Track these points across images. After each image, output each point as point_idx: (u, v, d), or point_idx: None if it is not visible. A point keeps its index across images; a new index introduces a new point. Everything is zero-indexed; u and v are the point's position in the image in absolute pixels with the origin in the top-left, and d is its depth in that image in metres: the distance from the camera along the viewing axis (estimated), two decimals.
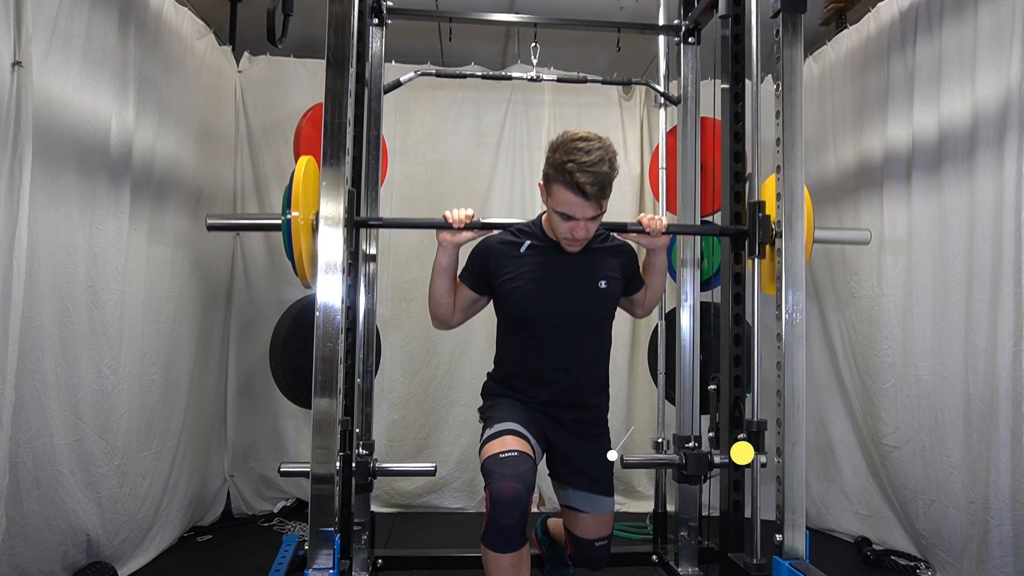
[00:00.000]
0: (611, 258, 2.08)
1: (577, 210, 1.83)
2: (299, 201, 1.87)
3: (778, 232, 1.98)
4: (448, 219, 1.98)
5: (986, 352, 2.43)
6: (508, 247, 2.04)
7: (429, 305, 2.10)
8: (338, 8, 1.93)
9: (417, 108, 3.69)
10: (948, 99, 2.61)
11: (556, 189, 1.83)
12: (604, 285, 2.03)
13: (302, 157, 1.99)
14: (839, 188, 3.26)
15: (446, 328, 2.18)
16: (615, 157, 1.84)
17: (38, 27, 2.02)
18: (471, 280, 2.07)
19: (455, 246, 2.02)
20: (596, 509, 2.08)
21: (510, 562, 1.77)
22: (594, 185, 1.78)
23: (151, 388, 2.76)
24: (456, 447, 3.63)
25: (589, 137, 1.83)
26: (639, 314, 2.29)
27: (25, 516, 2.10)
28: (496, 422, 1.96)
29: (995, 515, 2.34)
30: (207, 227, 2.07)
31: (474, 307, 2.13)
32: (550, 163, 1.84)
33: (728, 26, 2.40)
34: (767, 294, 2.06)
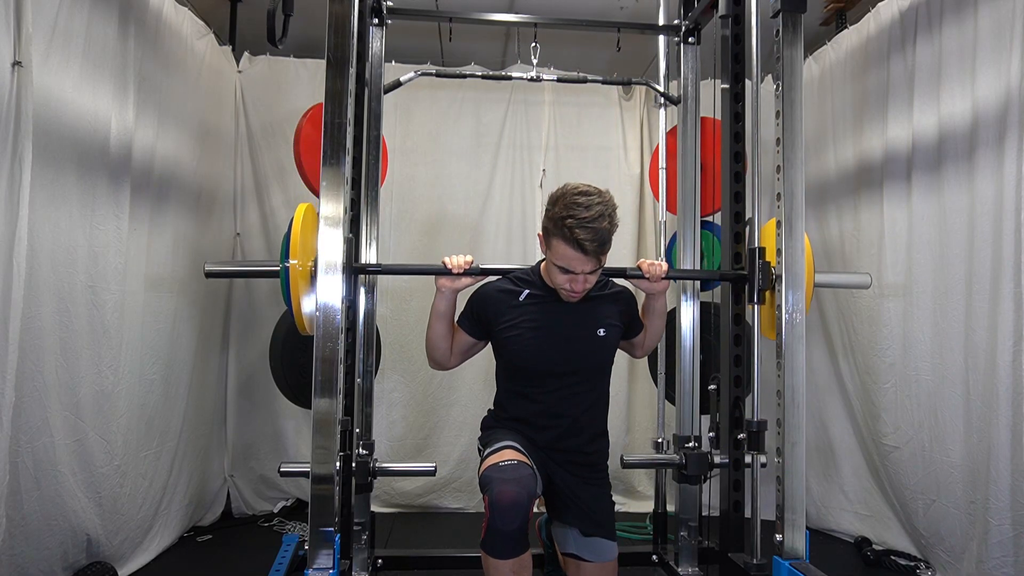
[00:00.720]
0: (610, 305, 2.08)
1: (576, 264, 1.84)
2: (297, 249, 1.87)
3: (778, 276, 1.97)
4: (447, 265, 1.98)
5: (986, 352, 2.43)
6: (507, 295, 2.04)
7: (426, 348, 2.09)
8: (338, 8, 1.93)
9: (417, 108, 3.69)
10: (948, 99, 2.61)
11: (555, 243, 1.83)
12: (603, 333, 2.02)
13: (300, 205, 1.99)
14: (839, 188, 3.26)
15: (442, 370, 2.18)
16: (615, 212, 1.84)
17: (38, 27, 2.02)
18: (469, 326, 2.07)
19: (453, 292, 2.02)
20: (599, 557, 2.00)
21: (511, 568, 1.74)
22: (594, 242, 1.78)
23: (151, 388, 2.76)
24: (456, 447, 3.63)
25: (589, 192, 1.82)
26: (638, 355, 2.29)
27: (25, 516, 2.10)
28: (495, 442, 1.96)
29: (995, 515, 2.34)
30: (205, 275, 2.07)
31: (472, 351, 2.13)
32: (549, 217, 1.83)
33: (728, 26, 2.39)
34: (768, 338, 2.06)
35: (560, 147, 3.77)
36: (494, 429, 2.09)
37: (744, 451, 2.24)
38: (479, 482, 1.83)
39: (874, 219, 2.99)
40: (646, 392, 3.69)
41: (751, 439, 2.05)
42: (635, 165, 3.82)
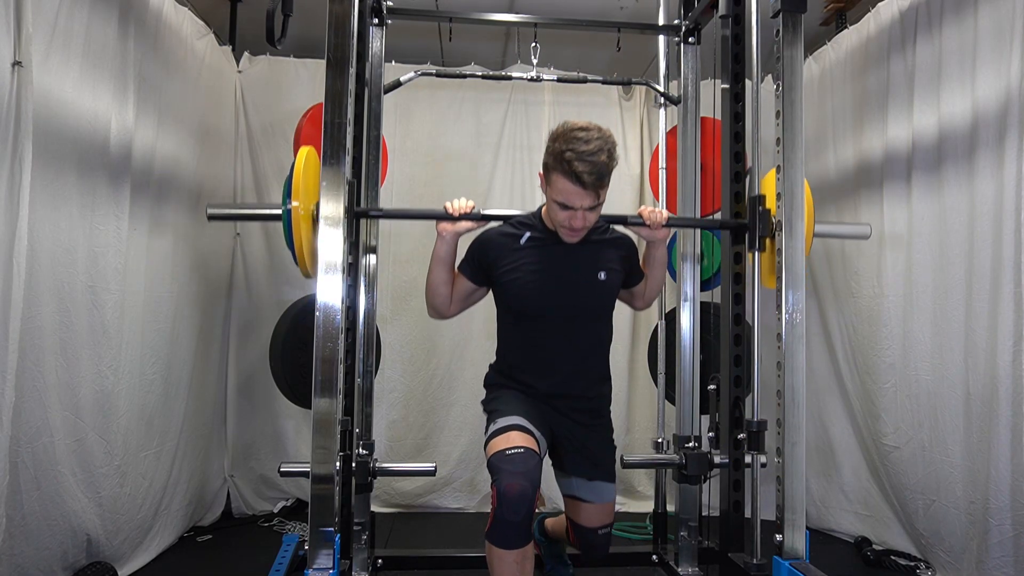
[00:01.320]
0: (611, 250, 2.09)
1: (575, 199, 1.84)
2: (299, 191, 1.87)
3: (778, 225, 1.98)
4: (448, 209, 1.99)
5: (986, 352, 2.43)
6: (508, 239, 2.05)
7: (426, 295, 2.10)
8: (338, 8, 1.92)
9: (417, 108, 3.69)
10: (948, 99, 2.61)
11: (555, 178, 1.85)
12: (604, 277, 2.04)
13: (302, 148, 2.00)
14: (839, 188, 3.26)
15: (442, 318, 2.18)
16: (614, 147, 1.85)
17: (38, 27, 2.02)
18: (470, 271, 2.08)
19: (454, 236, 2.02)
20: (599, 498, 2.10)
21: (515, 559, 1.78)
22: (592, 174, 1.79)
23: (151, 388, 2.76)
24: (456, 447, 3.63)
25: (588, 127, 1.85)
26: (639, 306, 2.30)
27: (25, 516, 2.10)
28: (500, 416, 1.96)
29: (995, 515, 2.34)
30: (207, 217, 2.07)
31: (471, 298, 2.14)
32: (549, 152, 1.86)
33: (728, 26, 2.39)
34: (767, 288, 2.07)
35: None
36: (498, 389, 2.10)
37: (744, 451, 2.24)
38: (487, 466, 1.86)
39: (874, 219, 2.99)
40: (646, 392, 3.69)
41: (751, 439, 2.06)
42: (635, 165, 3.82)
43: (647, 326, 3.61)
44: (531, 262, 2.02)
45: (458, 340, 3.64)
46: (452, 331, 3.64)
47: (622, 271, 2.11)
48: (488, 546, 1.81)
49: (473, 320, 3.57)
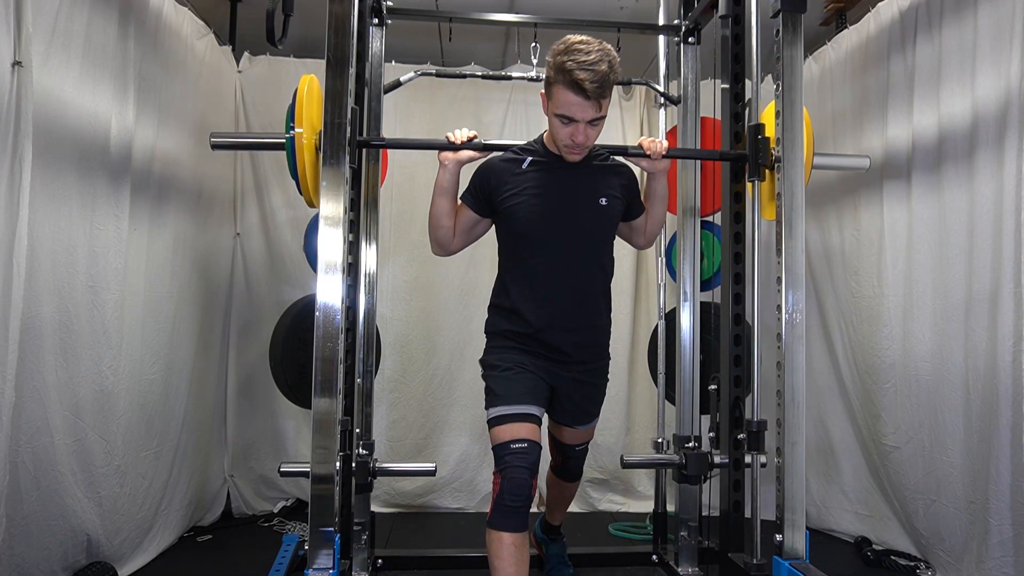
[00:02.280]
0: (612, 177, 2.11)
1: (577, 111, 1.85)
2: (303, 118, 1.88)
3: (777, 157, 1.99)
4: (450, 139, 2.02)
5: (986, 352, 2.43)
6: (510, 164, 2.07)
7: (429, 228, 2.11)
8: (338, 8, 1.93)
9: (417, 108, 3.68)
10: (948, 99, 2.60)
11: (556, 91, 1.85)
12: (605, 202, 2.05)
13: (304, 76, 2.01)
14: (839, 188, 3.26)
15: (446, 253, 2.17)
16: (615, 60, 1.86)
17: (38, 27, 2.02)
18: (472, 201, 2.09)
19: (456, 164, 2.04)
20: (583, 426, 2.25)
21: (513, 542, 1.82)
22: (594, 83, 1.80)
23: (151, 388, 2.76)
24: (456, 447, 3.63)
25: (589, 40, 1.85)
26: (640, 243, 2.30)
27: (25, 516, 2.10)
28: (503, 400, 1.96)
29: (995, 515, 2.34)
30: (211, 146, 2.08)
31: (474, 231, 2.14)
32: (551, 66, 1.86)
33: (728, 26, 2.40)
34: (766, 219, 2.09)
35: None
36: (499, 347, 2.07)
37: (744, 451, 2.25)
38: (493, 449, 1.92)
39: (874, 219, 2.99)
40: (646, 392, 3.69)
41: (751, 439, 2.06)
42: None
43: (647, 326, 3.61)
44: (533, 186, 2.03)
45: (458, 340, 3.64)
46: (452, 331, 3.64)
47: (623, 199, 2.12)
48: (488, 532, 1.85)
49: (473, 320, 3.57)
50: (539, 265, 2.03)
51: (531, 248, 2.04)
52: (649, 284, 3.73)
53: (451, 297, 3.65)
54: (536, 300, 2.03)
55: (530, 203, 2.01)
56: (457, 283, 3.65)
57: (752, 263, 2.15)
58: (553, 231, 2.01)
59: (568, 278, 2.03)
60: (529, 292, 2.04)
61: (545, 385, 2.05)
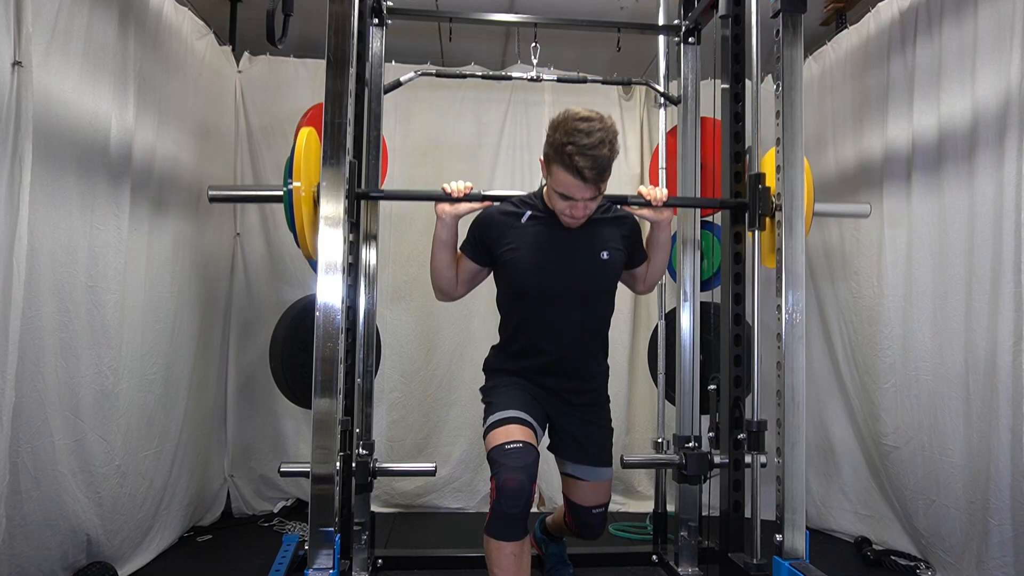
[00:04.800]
0: (613, 229, 2.08)
1: (576, 191, 1.84)
2: (301, 172, 1.87)
3: (778, 205, 1.98)
4: (447, 191, 1.99)
5: (986, 352, 2.43)
6: (509, 217, 2.05)
7: (431, 278, 2.10)
8: (338, 8, 1.93)
9: (417, 108, 3.68)
10: (948, 99, 2.60)
11: (556, 170, 1.84)
12: (606, 256, 2.03)
13: (303, 129, 2.00)
14: (839, 188, 3.26)
15: (450, 300, 2.18)
16: (616, 138, 1.84)
17: (38, 27, 2.02)
18: (472, 251, 2.08)
19: (454, 218, 2.02)
20: (595, 478, 2.13)
21: (512, 551, 1.79)
22: (593, 169, 1.79)
23: (151, 388, 2.76)
24: (456, 447, 3.63)
25: (591, 118, 1.82)
26: (640, 290, 2.29)
27: (25, 516, 2.09)
28: (499, 409, 1.96)
29: (995, 515, 2.34)
30: (209, 199, 2.07)
31: (476, 278, 2.14)
32: (550, 143, 1.84)
33: (728, 26, 2.40)
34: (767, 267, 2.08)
35: None
36: (497, 377, 2.10)
37: (744, 451, 2.25)
38: (487, 457, 1.88)
39: (874, 219, 2.99)
40: (646, 392, 3.69)
41: (751, 439, 2.06)
42: (635, 165, 3.82)
43: (647, 326, 3.61)
44: (533, 241, 2.01)
45: (458, 340, 3.64)
46: (452, 331, 3.64)
47: (625, 250, 2.10)
48: (486, 539, 1.82)
49: (473, 320, 3.57)
50: (538, 317, 2.03)
51: (530, 302, 2.03)
52: None
53: None
54: (535, 350, 2.04)
55: (529, 259, 1.99)
56: None
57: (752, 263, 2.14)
58: (553, 286, 2.00)
59: (567, 331, 2.03)
60: (528, 342, 2.05)
61: (541, 409, 2.04)
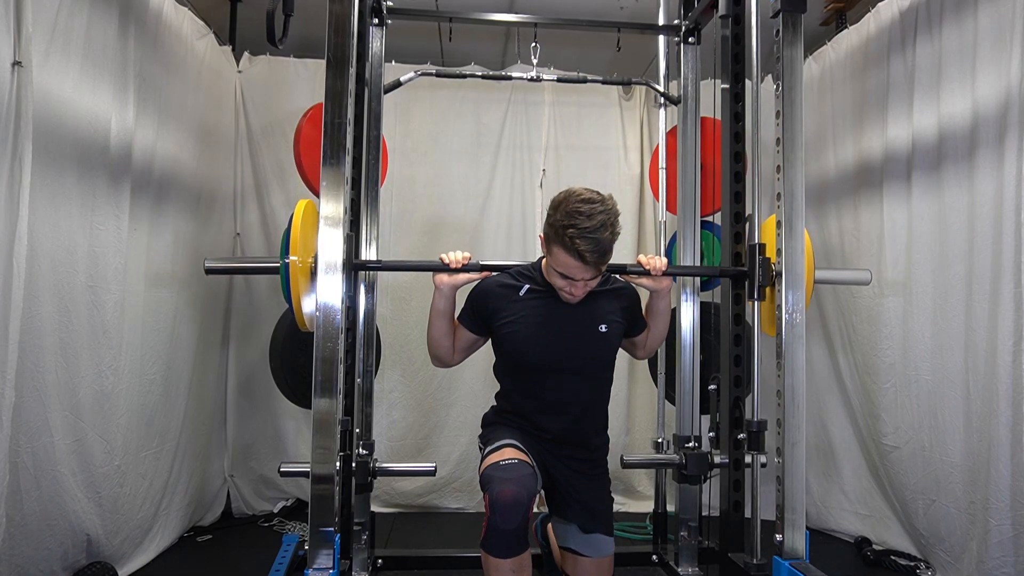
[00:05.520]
0: (612, 301, 2.06)
1: (576, 272, 1.83)
2: (298, 246, 1.87)
3: (778, 273, 1.98)
4: (445, 261, 1.98)
5: (986, 352, 2.43)
6: (507, 290, 2.02)
7: (428, 347, 2.09)
8: (338, 8, 1.93)
9: (417, 108, 3.68)
10: (948, 99, 2.60)
11: (556, 250, 1.82)
12: (605, 329, 2.00)
13: (300, 202, 1.99)
14: (839, 188, 3.26)
15: (446, 367, 2.17)
16: (617, 220, 1.81)
17: (38, 27, 2.02)
18: (469, 322, 2.06)
19: (452, 288, 2.01)
20: (596, 552, 2.02)
21: (511, 567, 1.75)
22: (594, 252, 1.77)
23: (151, 388, 2.76)
24: (456, 447, 3.63)
25: (592, 200, 1.79)
26: (639, 356, 2.26)
27: (25, 516, 2.10)
28: (495, 441, 1.96)
29: (995, 515, 2.34)
30: (205, 271, 2.06)
31: (474, 347, 2.13)
32: (551, 223, 1.81)
33: (728, 26, 2.40)
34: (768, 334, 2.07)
35: (560, 147, 3.77)
36: (495, 426, 2.09)
37: (744, 451, 2.25)
38: (480, 481, 1.84)
39: (874, 219, 2.99)
40: (646, 392, 3.69)
41: (751, 439, 2.06)
42: (635, 165, 3.82)
43: None
44: (530, 314, 1.98)
45: None
46: None
47: (624, 322, 2.07)
48: (483, 554, 1.78)
49: None
50: (537, 390, 2.01)
51: (528, 375, 2.02)
52: None
53: None
54: (533, 421, 2.02)
55: (527, 333, 1.97)
56: None
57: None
58: (551, 360, 1.98)
59: (565, 403, 2.01)
60: (527, 413, 2.03)
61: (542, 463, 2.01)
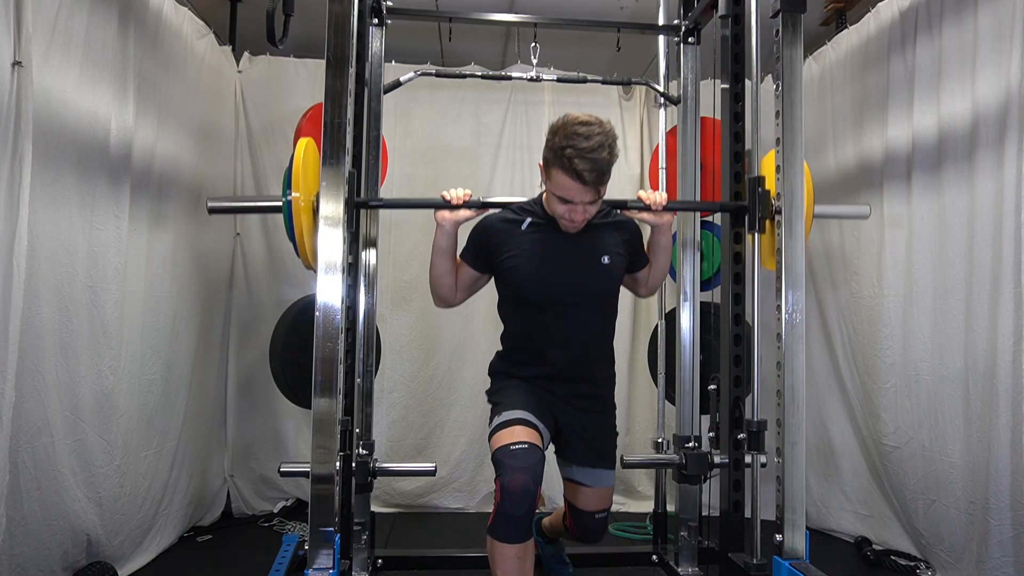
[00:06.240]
0: (614, 233, 2.08)
1: (575, 195, 1.84)
2: (299, 182, 1.87)
3: (778, 207, 1.98)
4: (446, 198, 1.99)
5: (986, 352, 2.43)
6: (509, 225, 2.05)
7: (431, 285, 2.10)
8: (338, 8, 1.93)
9: (417, 108, 3.69)
10: (948, 99, 2.60)
11: (555, 173, 1.84)
12: (607, 261, 2.03)
13: (302, 139, 2.00)
14: (839, 188, 3.26)
15: (448, 307, 2.18)
16: (615, 142, 1.84)
17: (38, 27, 2.02)
18: (472, 259, 2.08)
19: (454, 224, 2.01)
20: (597, 483, 2.12)
21: (516, 553, 1.78)
22: (593, 172, 1.78)
23: (151, 388, 2.76)
24: (456, 447, 3.63)
25: (590, 122, 1.82)
26: (642, 293, 2.28)
27: (25, 516, 2.10)
28: (505, 409, 1.96)
29: (995, 515, 2.34)
30: (208, 210, 2.07)
31: (476, 285, 2.13)
32: (549, 147, 1.84)
33: (728, 26, 2.39)
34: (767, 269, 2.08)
35: None
36: (502, 379, 2.10)
37: (744, 451, 2.25)
38: (492, 458, 1.87)
39: (874, 219, 2.99)
40: (646, 392, 3.69)
41: (751, 439, 2.06)
42: (635, 165, 3.82)
43: (647, 326, 3.61)
44: (533, 248, 2.01)
45: (458, 340, 3.64)
46: (452, 331, 3.64)
47: (626, 254, 2.09)
48: (489, 541, 1.81)
49: (473, 320, 3.57)
50: (541, 325, 2.02)
51: (532, 309, 2.03)
52: None
53: None
54: (538, 358, 2.04)
55: (530, 265, 1.99)
56: None
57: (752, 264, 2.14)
58: (554, 293, 2.00)
59: (570, 337, 2.02)
60: (532, 350, 2.05)
61: (548, 412, 2.03)
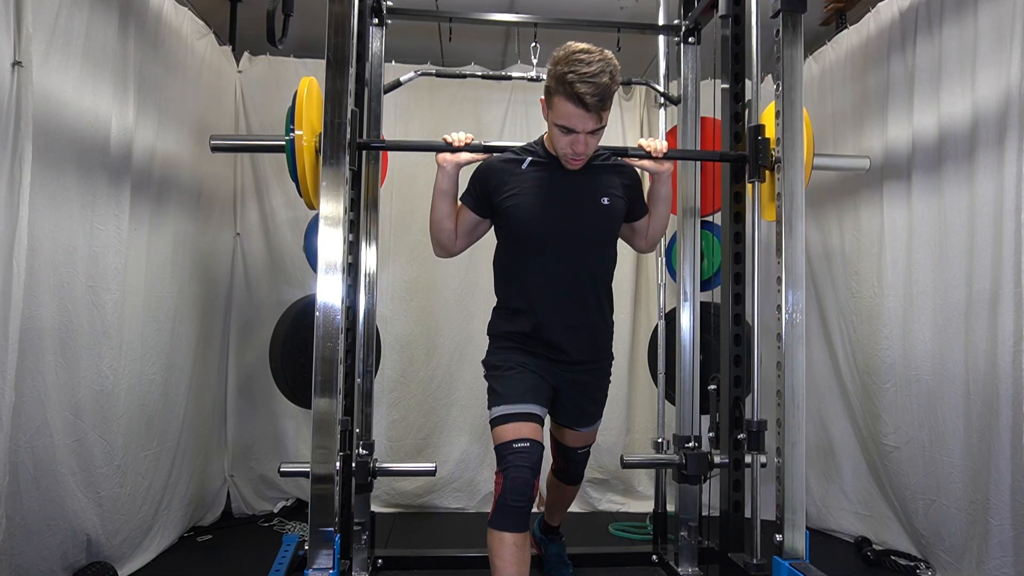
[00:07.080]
0: (614, 176, 2.09)
1: (577, 122, 1.84)
2: (302, 120, 1.88)
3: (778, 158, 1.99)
4: (448, 140, 2.01)
5: (986, 352, 2.43)
6: (509, 164, 2.06)
7: (431, 231, 2.10)
8: (338, 8, 1.93)
9: (417, 108, 3.68)
10: (948, 99, 2.60)
11: (557, 101, 1.84)
12: (607, 202, 2.04)
13: (304, 78, 2.02)
14: (839, 188, 3.26)
15: (448, 255, 2.18)
16: (616, 70, 1.84)
17: (38, 27, 2.02)
18: (473, 202, 2.08)
19: (455, 166, 2.03)
20: (584, 428, 2.24)
21: (514, 542, 1.82)
22: (594, 96, 1.79)
23: (151, 388, 2.76)
24: (456, 447, 3.63)
25: (590, 49, 1.82)
26: (641, 247, 2.28)
27: (25, 516, 2.09)
28: (506, 401, 1.96)
29: (995, 515, 2.34)
30: (211, 148, 2.09)
31: (476, 231, 2.14)
32: (551, 75, 1.84)
33: (728, 26, 2.40)
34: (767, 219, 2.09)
35: None
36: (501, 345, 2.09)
37: (744, 451, 2.25)
38: (495, 449, 1.91)
39: (874, 219, 2.99)
40: (646, 392, 3.69)
41: (751, 439, 2.06)
42: None
43: (647, 326, 3.61)
44: (533, 186, 2.01)
45: (458, 340, 3.64)
46: (452, 331, 3.64)
47: (625, 199, 2.10)
48: (490, 532, 1.84)
49: (473, 320, 3.57)
50: (539, 265, 2.03)
51: (531, 249, 2.03)
52: (649, 284, 3.73)
53: (451, 297, 3.65)
54: (536, 300, 2.03)
55: (530, 204, 2.00)
56: (457, 283, 3.65)
57: (752, 263, 2.15)
58: (554, 232, 2.00)
59: (569, 278, 2.03)
60: (529, 292, 2.04)
61: (547, 385, 2.05)
